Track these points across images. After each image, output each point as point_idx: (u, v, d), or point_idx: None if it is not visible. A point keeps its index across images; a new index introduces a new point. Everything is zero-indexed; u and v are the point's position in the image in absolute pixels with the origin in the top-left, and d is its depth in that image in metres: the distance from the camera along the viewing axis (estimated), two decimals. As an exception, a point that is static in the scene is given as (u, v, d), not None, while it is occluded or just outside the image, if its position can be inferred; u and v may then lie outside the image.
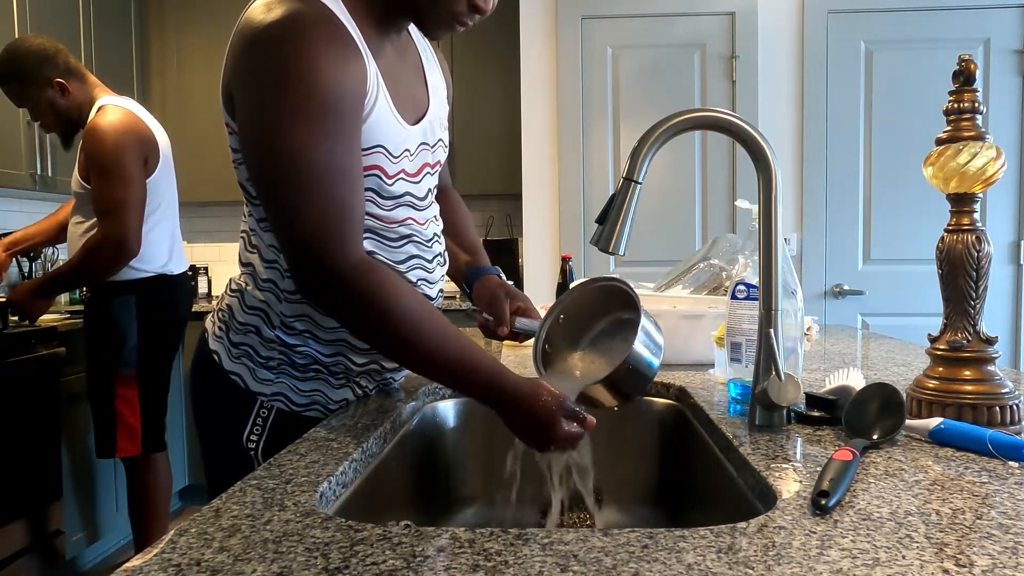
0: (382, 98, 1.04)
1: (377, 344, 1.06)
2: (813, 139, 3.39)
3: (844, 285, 3.41)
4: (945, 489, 0.74)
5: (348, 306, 1.00)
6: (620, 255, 1.02)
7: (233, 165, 1.11)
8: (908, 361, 1.52)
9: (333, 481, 0.81)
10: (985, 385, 0.95)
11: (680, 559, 0.59)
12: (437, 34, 1.10)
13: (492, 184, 3.73)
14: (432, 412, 1.28)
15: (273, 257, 1.10)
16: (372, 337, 1.04)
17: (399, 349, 1.03)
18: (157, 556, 0.61)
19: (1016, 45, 3.30)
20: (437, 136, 1.19)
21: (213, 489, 1.17)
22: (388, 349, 1.05)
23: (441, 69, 1.27)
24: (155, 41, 3.94)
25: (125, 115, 2.41)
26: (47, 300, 2.55)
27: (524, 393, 0.99)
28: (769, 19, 3.37)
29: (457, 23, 1.06)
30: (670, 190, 3.43)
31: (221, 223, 4.28)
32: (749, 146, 1.00)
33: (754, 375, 1.00)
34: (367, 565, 0.59)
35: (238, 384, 1.15)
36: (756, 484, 0.82)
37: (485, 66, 3.71)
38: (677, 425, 1.27)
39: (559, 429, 0.98)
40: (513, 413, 1.00)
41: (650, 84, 3.42)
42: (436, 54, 1.26)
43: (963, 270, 0.96)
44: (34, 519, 2.57)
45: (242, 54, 0.98)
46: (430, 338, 1.00)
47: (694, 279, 1.63)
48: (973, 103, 0.96)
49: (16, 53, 2.41)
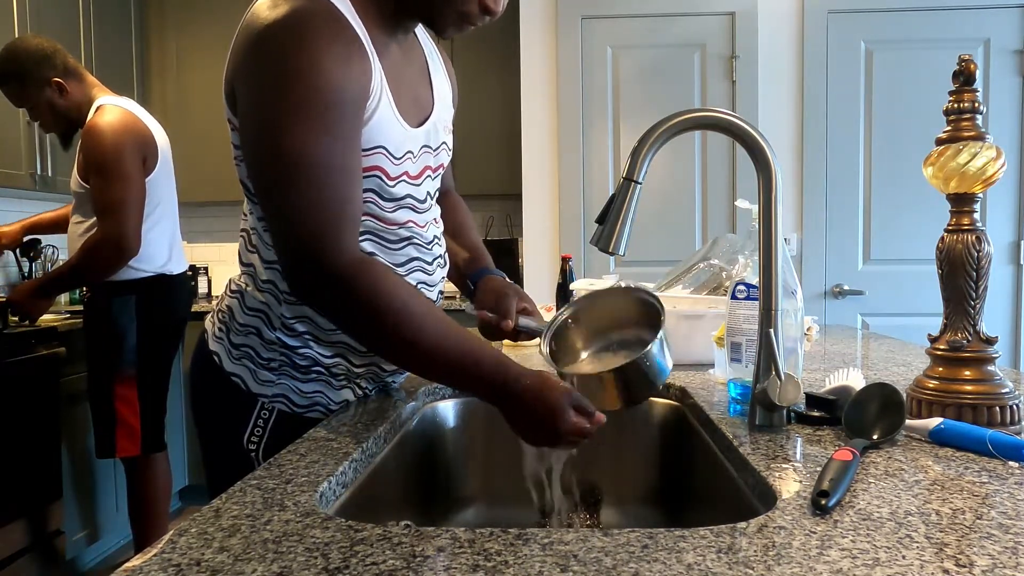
0: (385, 99, 1.04)
1: (375, 344, 1.05)
2: (813, 139, 3.39)
3: (844, 285, 3.41)
4: (945, 489, 0.74)
5: (345, 305, 0.99)
6: (620, 255, 1.02)
7: (234, 163, 1.10)
8: (908, 361, 1.52)
9: (333, 481, 0.81)
10: (985, 385, 0.95)
11: (680, 559, 0.59)
12: (447, 34, 1.09)
13: (492, 184, 3.73)
14: (432, 412, 1.28)
15: (273, 258, 1.10)
16: (370, 337, 1.03)
17: (398, 348, 1.01)
18: (157, 556, 0.61)
19: (1016, 45, 3.30)
20: (440, 139, 1.19)
21: (213, 490, 1.17)
22: (386, 349, 1.04)
23: (447, 71, 1.27)
24: (155, 41, 3.94)
25: (124, 115, 2.41)
26: (47, 300, 2.56)
27: (530, 383, 0.97)
28: (769, 19, 3.37)
29: (468, 23, 1.06)
30: (670, 190, 3.43)
31: (221, 223, 4.28)
32: (749, 146, 1.00)
33: (754, 375, 1.00)
34: (367, 565, 0.59)
35: (239, 385, 1.15)
36: (756, 484, 0.82)
37: (485, 66, 3.71)
38: (677, 425, 1.27)
39: (567, 420, 0.95)
40: (519, 404, 0.98)
41: (650, 84, 3.42)
42: (442, 56, 1.26)
43: (963, 270, 0.96)
44: (34, 519, 2.57)
45: (245, 51, 0.98)
46: (430, 334, 0.99)
47: (694, 279, 1.63)
48: (973, 103, 0.96)
49: (15, 53, 2.41)
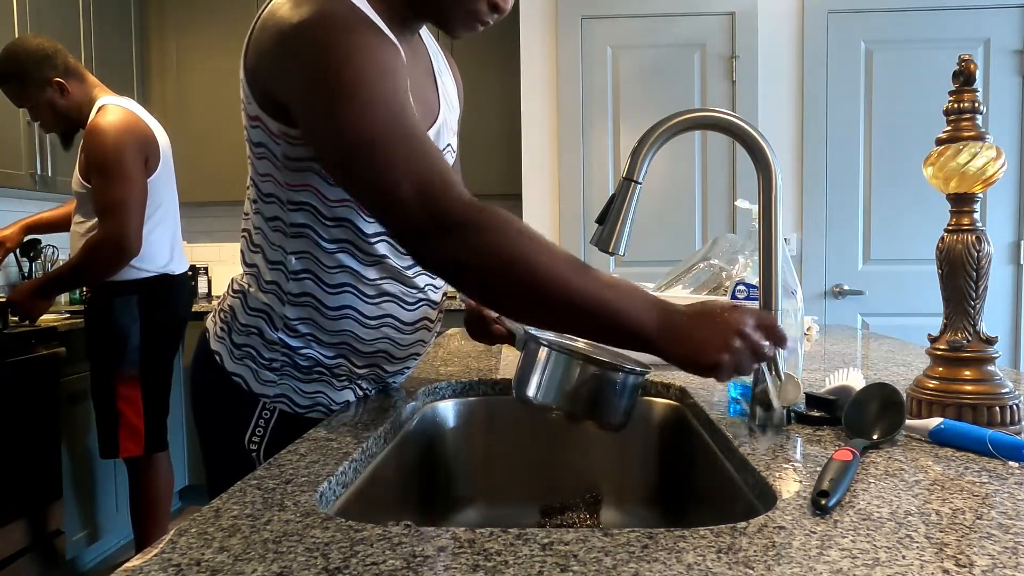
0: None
1: (513, 287, 0.90)
2: (813, 139, 3.39)
3: (844, 285, 3.41)
4: (945, 489, 0.74)
5: (477, 249, 0.89)
6: (620, 255, 1.02)
7: (248, 160, 1.10)
8: (908, 361, 1.52)
9: (333, 481, 0.81)
10: (985, 385, 0.95)
11: (680, 559, 0.59)
12: (458, 33, 1.09)
13: (492, 184, 3.73)
14: (432, 412, 1.28)
15: (278, 258, 1.10)
16: (507, 280, 0.89)
17: (542, 285, 0.88)
18: (157, 556, 0.61)
19: (1016, 45, 3.30)
20: (446, 141, 1.19)
21: (213, 490, 1.17)
22: (528, 288, 0.89)
23: (452, 71, 1.27)
24: (155, 41, 3.94)
25: (126, 114, 2.42)
26: (47, 300, 2.56)
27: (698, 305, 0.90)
28: (769, 19, 3.37)
29: (478, 22, 1.06)
30: (670, 190, 3.43)
31: (221, 223, 4.28)
32: (749, 146, 1.00)
33: (754, 375, 1.00)
34: (367, 565, 0.59)
35: (240, 385, 1.15)
36: (756, 484, 0.82)
37: (485, 66, 3.71)
38: (677, 425, 1.27)
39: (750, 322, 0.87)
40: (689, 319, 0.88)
41: (650, 84, 3.42)
42: (445, 56, 1.27)
43: (963, 270, 0.96)
44: (34, 519, 2.57)
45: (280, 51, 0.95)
46: (573, 263, 0.89)
47: (694, 279, 1.63)
48: (973, 103, 0.96)
49: (16, 53, 2.41)
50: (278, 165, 1.05)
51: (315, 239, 1.07)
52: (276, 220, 1.09)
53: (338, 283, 1.09)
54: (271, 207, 1.09)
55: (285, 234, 1.09)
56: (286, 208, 1.08)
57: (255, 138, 1.06)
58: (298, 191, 1.06)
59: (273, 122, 1.02)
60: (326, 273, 1.09)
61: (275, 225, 1.09)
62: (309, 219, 1.07)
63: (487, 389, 1.35)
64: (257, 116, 1.04)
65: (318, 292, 1.10)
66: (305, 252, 1.09)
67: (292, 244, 1.09)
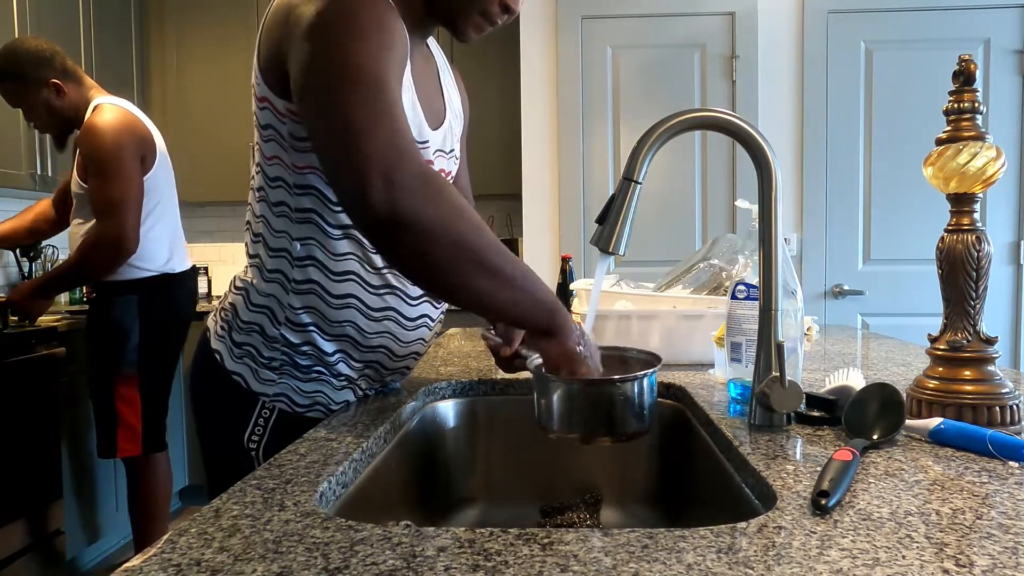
0: (409, 95, 1.06)
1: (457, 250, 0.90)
2: (813, 139, 3.39)
3: (844, 285, 3.41)
4: (945, 489, 0.74)
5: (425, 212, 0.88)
6: (620, 255, 1.02)
7: (256, 146, 1.11)
8: (908, 361, 1.52)
9: (333, 481, 0.81)
10: (985, 385, 0.96)
11: (680, 559, 0.59)
12: (468, 36, 1.10)
13: (492, 184, 3.73)
14: (432, 412, 1.28)
15: (281, 246, 1.11)
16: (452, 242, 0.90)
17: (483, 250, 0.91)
18: (157, 556, 0.61)
19: (1016, 45, 3.30)
20: (451, 145, 1.21)
21: (213, 489, 1.17)
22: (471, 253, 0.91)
23: (459, 87, 1.30)
24: (155, 41, 3.94)
25: (122, 113, 2.41)
26: (47, 300, 2.56)
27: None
28: (769, 19, 3.37)
29: (489, 23, 1.08)
30: (670, 190, 3.43)
31: (221, 223, 4.28)
32: (749, 146, 1.00)
33: (754, 375, 1.00)
34: (367, 565, 0.59)
35: (240, 384, 1.16)
36: (756, 484, 0.82)
37: (485, 66, 3.71)
38: (677, 425, 1.27)
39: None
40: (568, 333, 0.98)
41: (650, 84, 3.42)
42: (453, 72, 1.30)
43: (963, 270, 0.96)
44: (34, 519, 2.58)
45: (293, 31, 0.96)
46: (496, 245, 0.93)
47: (694, 279, 1.63)
48: (973, 103, 0.96)
49: (13, 54, 2.41)
50: (285, 146, 1.06)
51: (320, 225, 1.09)
52: (282, 205, 1.10)
53: (342, 271, 1.10)
54: (277, 191, 1.09)
55: (291, 219, 1.10)
56: (293, 192, 1.08)
57: (263, 120, 1.07)
58: (304, 174, 1.07)
59: (279, 100, 1.03)
60: (331, 260, 1.10)
61: (280, 211, 1.10)
62: (315, 203, 1.08)
63: (487, 389, 1.35)
64: (265, 97, 1.06)
65: (323, 279, 1.10)
66: (310, 238, 1.09)
67: (297, 230, 1.09)
